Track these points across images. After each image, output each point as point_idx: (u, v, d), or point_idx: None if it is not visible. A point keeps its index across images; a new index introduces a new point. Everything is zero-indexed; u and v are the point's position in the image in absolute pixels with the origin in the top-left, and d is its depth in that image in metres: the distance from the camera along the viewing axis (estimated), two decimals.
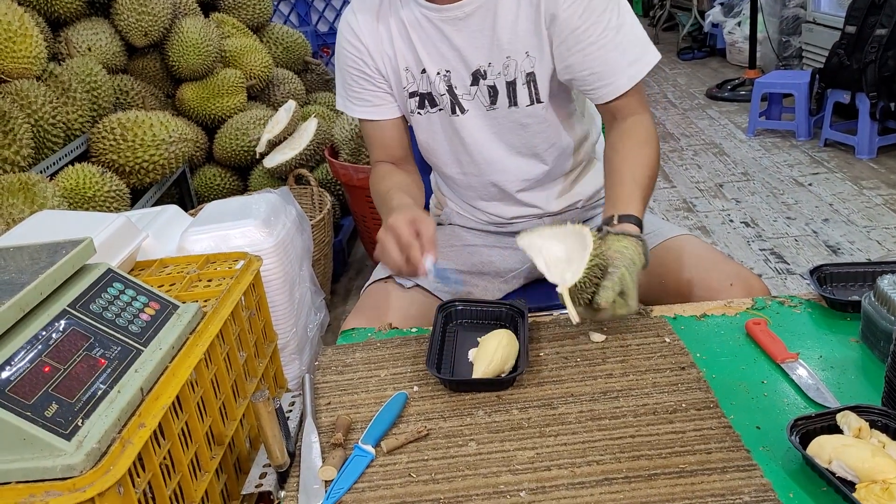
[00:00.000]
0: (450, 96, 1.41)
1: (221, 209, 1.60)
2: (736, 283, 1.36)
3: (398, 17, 1.40)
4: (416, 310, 1.43)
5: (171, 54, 2.79)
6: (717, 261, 1.42)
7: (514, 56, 1.36)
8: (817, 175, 3.60)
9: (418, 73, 1.42)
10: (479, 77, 1.39)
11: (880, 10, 3.55)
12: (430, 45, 1.39)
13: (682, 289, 1.40)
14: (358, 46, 1.42)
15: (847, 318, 1.21)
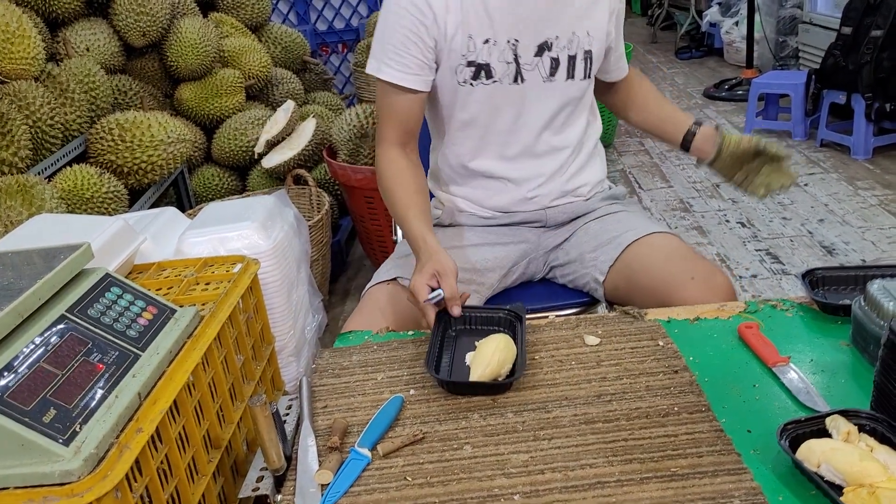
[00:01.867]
0: (515, 65, 1.46)
1: (219, 212, 1.61)
2: (697, 277, 1.39)
3: None
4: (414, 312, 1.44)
5: (169, 54, 2.80)
6: (683, 257, 1.45)
7: (579, 32, 1.48)
8: (813, 175, 3.61)
9: (481, 42, 1.44)
10: (545, 48, 1.47)
11: (876, 11, 3.56)
12: (505, 14, 1.43)
13: (650, 284, 1.43)
14: (423, 10, 1.41)
15: (838, 322, 1.22)
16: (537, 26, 1.45)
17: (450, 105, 1.51)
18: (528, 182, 1.57)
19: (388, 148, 1.49)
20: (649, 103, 1.71)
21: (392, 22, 1.44)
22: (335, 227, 3.04)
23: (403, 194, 1.44)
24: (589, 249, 1.56)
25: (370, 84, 3.66)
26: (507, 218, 1.60)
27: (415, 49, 1.43)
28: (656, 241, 1.50)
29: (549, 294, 1.63)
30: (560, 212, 1.61)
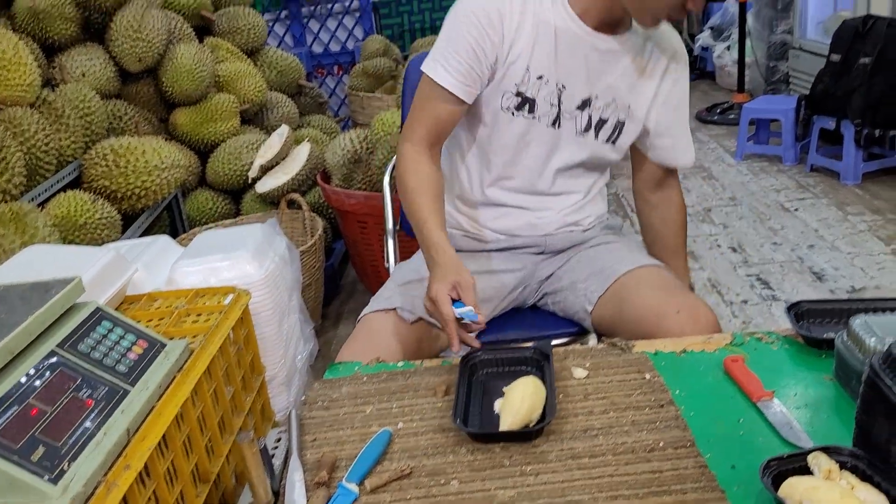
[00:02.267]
0: (558, 109, 1.50)
1: (211, 240, 1.62)
2: (683, 310, 1.40)
3: (542, 17, 1.44)
4: (414, 343, 1.45)
5: (165, 80, 2.82)
6: (671, 290, 1.47)
7: (619, 102, 1.52)
8: (803, 200, 3.64)
9: (535, 77, 1.46)
10: (587, 104, 1.51)
11: (864, 38, 3.61)
12: (566, 58, 1.46)
13: (637, 315, 1.44)
14: (495, 25, 1.42)
15: (822, 356, 1.24)
16: (588, 80, 1.48)
17: (487, 125, 1.53)
18: (536, 212, 1.60)
19: (415, 146, 1.50)
20: (667, 221, 1.71)
21: (461, 27, 1.44)
22: (328, 251, 3.05)
23: (426, 200, 1.45)
24: (581, 278, 1.57)
25: (365, 107, 3.69)
26: (508, 242, 1.62)
27: (474, 60, 1.43)
28: (646, 273, 1.52)
29: (539, 323, 1.64)
30: (559, 239, 1.63)
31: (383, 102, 3.55)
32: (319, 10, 4.79)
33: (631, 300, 1.47)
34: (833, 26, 4.04)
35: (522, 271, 1.63)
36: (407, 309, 1.46)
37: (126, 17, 2.68)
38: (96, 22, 2.78)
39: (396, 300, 1.49)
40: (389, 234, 1.93)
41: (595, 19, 1.45)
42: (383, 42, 3.93)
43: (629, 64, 1.50)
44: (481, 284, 1.57)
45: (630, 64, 1.50)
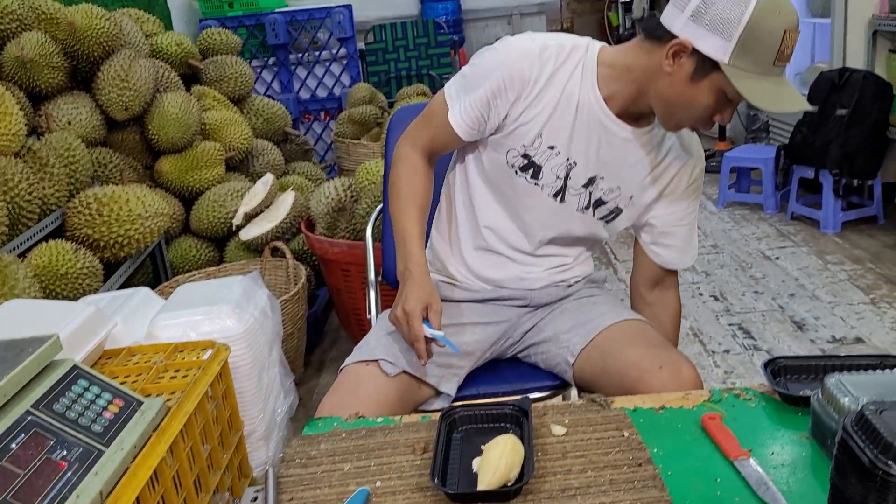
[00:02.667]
0: (563, 182, 1.51)
1: (192, 293, 1.62)
2: (665, 366, 1.41)
3: (568, 90, 1.44)
4: (395, 397, 1.45)
5: (150, 128, 2.84)
6: (653, 345, 1.48)
7: (623, 192, 1.53)
8: (784, 249, 3.68)
9: (547, 146, 1.47)
10: (591, 183, 1.51)
11: (841, 90, 3.69)
12: (581, 135, 1.46)
13: (618, 370, 1.45)
14: (516, 85, 1.42)
15: (799, 413, 1.24)
16: (598, 161, 1.49)
17: (491, 175, 1.54)
18: (525, 266, 1.61)
19: (416, 152, 1.54)
20: (660, 319, 1.66)
21: (487, 73, 1.44)
22: (312, 298, 3.05)
23: (416, 212, 1.50)
24: (564, 329, 1.58)
25: (350, 154, 3.72)
26: (494, 293, 1.63)
27: (484, 109, 1.45)
28: (629, 327, 1.53)
29: (519, 376, 1.65)
30: (545, 293, 1.64)
31: (369, 149, 3.58)
32: (307, 58, 4.85)
33: (614, 354, 1.48)
34: (810, 78, 4.13)
35: (506, 323, 1.64)
36: (389, 361, 1.46)
37: (114, 66, 2.71)
38: (84, 71, 2.80)
39: (379, 352, 1.49)
40: (371, 284, 1.94)
41: (619, 106, 1.44)
42: (369, 89, 3.99)
43: (643, 158, 1.50)
44: (465, 339, 1.58)
45: (644, 158, 1.50)
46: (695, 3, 1.29)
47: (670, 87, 1.35)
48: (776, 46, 1.26)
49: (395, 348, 1.49)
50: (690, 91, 1.33)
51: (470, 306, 1.63)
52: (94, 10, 2.72)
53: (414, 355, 1.48)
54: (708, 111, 1.36)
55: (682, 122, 1.41)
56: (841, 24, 3.91)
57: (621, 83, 1.42)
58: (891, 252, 3.49)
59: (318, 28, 4.79)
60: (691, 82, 1.33)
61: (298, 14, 4.76)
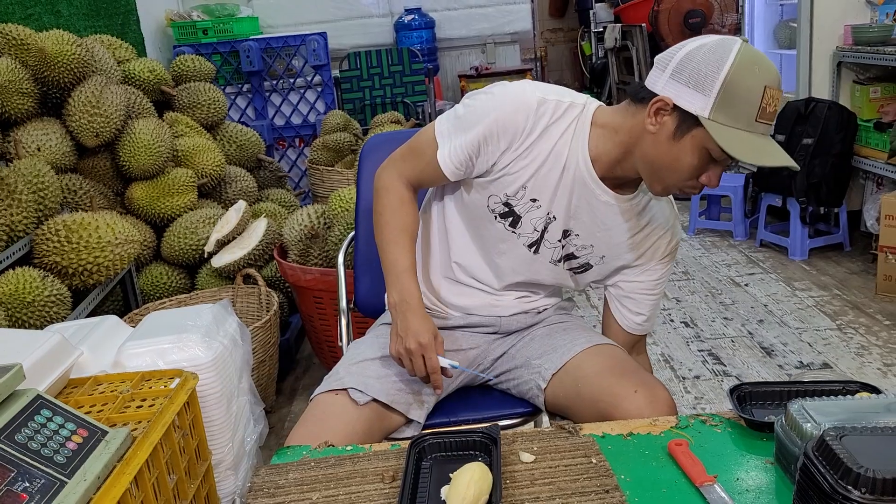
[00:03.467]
0: (540, 235, 1.52)
1: (161, 321, 1.61)
2: (640, 390, 1.42)
3: (558, 148, 1.43)
4: (364, 426, 1.44)
5: (122, 154, 2.83)
6: (626, 370, 1.49)
7: (596, 251, 1.55)
8: (753, 275, 3.73)
9: (529, 199, 1.48)
10: (566, 236, 1.53)
11: (806, 120, 3.77)
12: (564, 192, 1.47)
13: (593, 394, 1.46)
14: (509, 136, 1.42)
15: (763, 439, 1.26)
16: (575, 218, 1.50)
17: (471, 214, 1.55)
18: (495, 296, 1.63)
19: (399, 180, 1.54)
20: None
21: (482, 118, 1.42)
22: (284, 325, 3.03)
23: (409, 244, 1.52)
24: (535, 355, 1.59)
25: (324, 181, 3.72)
26: (464, 319, 1.64)
27: (474, 153, 1.44)
28: (601, 352, 1.54)
29: (490, 403, 1.65)
30: (514, 321, 1.65)
31: (343, 176, 3.59)
32: (281, 84, 4.86)
33: (587, 379, 1.49)
34: None
35: (476, 350, 1.65)
36: (359, 389, 1.46)
37: (84, 92, 2.70)
38: (54, 97, 2.79)
39: (348, 380, 1.48)
40: (343, 312, 1.93)
41: (605, 168, 1.44)
42: (344, 117, 4.00)
43: (621, 224, 1.51)
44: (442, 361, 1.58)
45: (623, 224, 1.51)
46: (675, 62, 1.31)
47: (654, 147, 1.35)
48: (756, 103, 1.26)
49: (365, 376, 1.49)
50: (674, 150, 1.33)
51: (442, 332, 1.64)
52: (65, 37, 2.71)
53: (384, 382, 1.48)
54: (693, 171, 1.34)
55: (669, 184, 1.39)
56: (806, 56, 4.00)
57: (609, 144, 1.42)
58: (856, 278, 3.56)
59: (293, 55, 4.81)
60: (674, 140, 1.32)
61: (273, 41, 4.78)
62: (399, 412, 1.50)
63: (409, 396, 1.52)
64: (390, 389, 1.49)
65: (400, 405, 1.49)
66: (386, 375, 1.51)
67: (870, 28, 3.72)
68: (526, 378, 1.59)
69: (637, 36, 7.11)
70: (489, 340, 1.66)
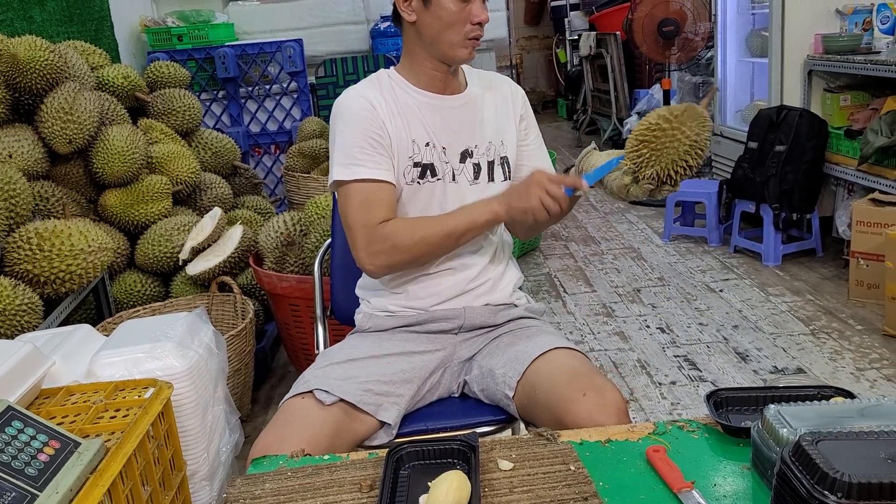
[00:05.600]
0: (451, 167, 1.63)
1: (135, 330, 1.59)
2: (589, 393, 1.43)
3: (400, 99, 1.62)
4: (331, 429, 1.43)
5: (95, 161, 2.80)
6: (578, 373, 1.49)
7: (494, 141, 1.68)
8: (728, 281, 3.77)
9: (423, 145, 1.61)
10: (467, 156, 1.65)
11: (778, 128, 3.81)
12: (437, 124, 1.63)
13: (547, 400, 1.47)
14: (375, 116, 1.58)
15: (740, 445, 1.26)
16: (459, 137, 1.64)
17: (404, 202, 1.63)
18: (463, 272, 1.66)
19: (382, 227, 1.55)
20: None
21: (352, 128, 1.57)
22: (260, 333, 3.01)
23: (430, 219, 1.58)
24: (499, 364, 1.59)
25: (300, 188, 3.71)
26: (428, 315, 1.64)
27: (381, 148, 1.57)
28: (557, 357, 1.55)
29: (467, 410, 1.65)
30: (478, 313, 1.66)
31: (319, 183, 3.58)
32: (257, 91, 4.83)
33: (541, 385, 1.50)
34: (750, 115, 4.26)
35: (441, 352, 1.65)
36: (324, 390, 1.45)
37: (57, 98, 2.67)
38: (26, 103, 2.75)
39: (314, 382, 1.48)
40: (319, 319, 1.92)
41: (433, 85, 1.63)
42: (320, 123, 3.99)
43: (484, 109, 1.68)
44: (401, 366, 1.59)
45: (484, 109, 1.68)
46: None
47: (425, 26, 1.56)
48: None
49: (331, 378, 1.48)
50: (434, 12, 1.54)
51: (406, 336, 1.65)
52: (38, 42, 2.68)
53: (350, 383, 1.48)
54: (459, 15, 1.53)
55: (456, 41, 1.56)
56: (778, 64, 4.05)
57: (414, 66, 1.63)
58: (829, 284, 3.60)
59: (269, 62, 4.79)
60: (427, 8, 1.54)
61: (249, 48, 4.76)
62: (368, 413, 1.49)
63: (377, 398, 1.51)
64: (357, 390, 1.48)
65: (368, 406, 1.48)
66: (353, 377, 1.51)
67: (839, 37, 3.78)
68: (493, 388, 1.59)
69: (612, 44, 7.17)
70: (454, 342, 1.67)
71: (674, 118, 1.42)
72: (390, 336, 1.65)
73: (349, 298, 1.89)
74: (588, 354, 3.06)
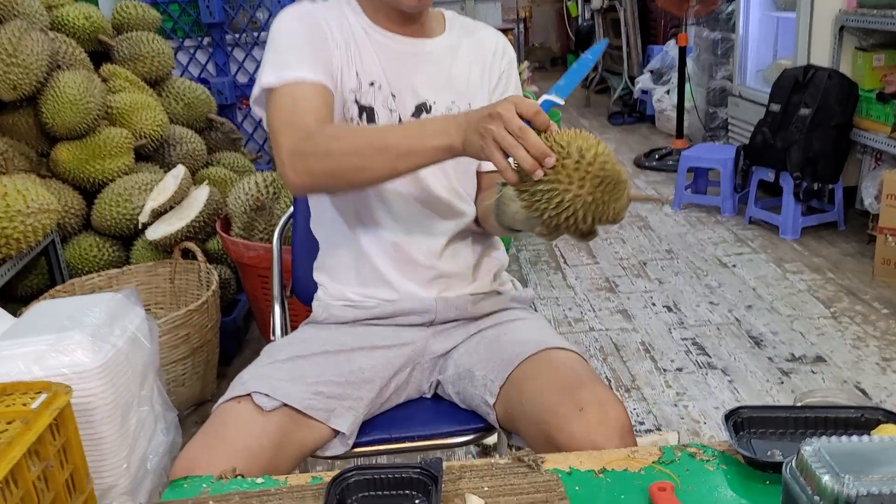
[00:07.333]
0: (398, 115, 1.36)
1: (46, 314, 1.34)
2: (588, 408, 1.17)
3: (353, 25, 1.36)
4: (273, 440, 1.19)
5: (45, 110, 2.52)
6: (574, 383, 1.23)
7: (459, 102, 1.39)
8: (741, 255, 3.50)
9: (367, 83, 1.35)
10: (423, 110, 1.38)
11: (804, 89, 3.52)
12: (390, 62, 1.36)
13: (535, 413, 1.22)
14: (319, 28, 1.32)
15: (766, 482, 1.02)
16: (415, 87, 1.37)
17: None
18: (419, 244, 1.38)
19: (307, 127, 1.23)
20: None
21: (287, 35, 1.30)
22: (232, 304, 2.77)
23: (369, 128, 1.29)
24: (480, 364, 1.35)
25: None
26: (392, 306, 1.39)
27: (320, 54, 1.29)
28: (550, 358, 1.30)
29: (438, 416, 1.40)
30: (451, 305, 1.41)
31: None
32: (245, 39, 4.52)
33: (530, 394, 1.25)
34: (773, 75, 3.96)
35: (410, 347, 1.40)
36: (264, 393, 1.21)
37: (0, 39, 2.39)
38: None
39: (252, 384, 1.23)
40: (276, 299, 1.68)
41: (391, 24, 1.37)
42: None
43: (455, 63, 1.41)
44: (360, 364, 1.35)
45: (455, 63, 1.41)
46: None
47: None
48: None
49: (274, 378, 1.25)
50: None
51: (368, 329, 1.40)
52: None
53: (297, 385, 1.24)
54: None
55: None
56: (806, 19, 3.74)
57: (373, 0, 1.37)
58: (851, 261, 3.33)
59: (257, 7, 4.47)
60: None
61: None
62: (319, 421, 1.25)
63: (329, 401, 1.27)
64: (305, 393, 1.24)
65: (317, 412, 1.24)
66: (300, 377, 1.27)
67: None
68: (471, 392, 1.34)
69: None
70: (425, 336, 1.42)
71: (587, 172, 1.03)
72: (350, 329, 1.40)
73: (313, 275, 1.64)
74: (587, 334, 2.82)
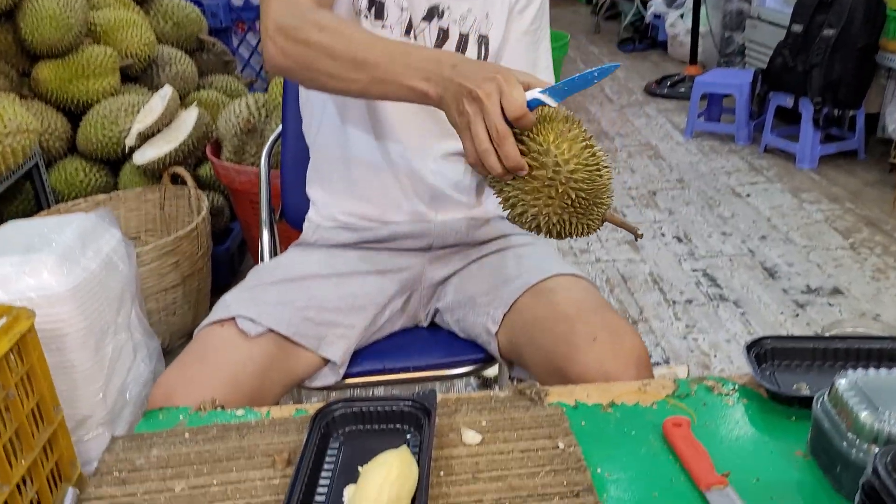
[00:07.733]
0: (409, 15, 1.21)
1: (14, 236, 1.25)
2: (602, 336, 1.09)
3: None
4: (257, 367, 1.11)
5: (23, 26, 2.38)
6: (587, 310, 1.15)
7: (475, 11, 1.25)
8: (756, 185, 3.38)
9: None
10: (435, 14, 1.23)
11: (829, 8, 3.35)
12: None
13: (545, 342, 1.14)
14: None
15: (793, 418, 0.94)
16: None
17: None
18: (417, 159, 1.27)
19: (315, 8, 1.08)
20: None
21: None
22: (226, 232, 2.67)
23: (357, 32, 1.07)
24: (482, 291, 1.26)
25: None
26: (387, 229, 1.30)
27: None
28: (560, 286, 1.21)
29: (435, 346, 1.32)
30: (451, 228, 1.31)
31: None
32: None
33: (539, 322, 1.17)
34: None
35: (406, 272, 1.31)
36: (249, 318, 1.13)
37: None
38: None
39: (236, 307, 1.15)
40: (265, 224, 1.58)
41: None
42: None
43: None
44: (351, 289, 1.26)
45: None
46: None
47: None
48: None
49: (261, 301, 1.17)
50: None
51: (361, 253, 1.31)
52: None
53: (285, 310, 1.16)
54: None
55: None
56: None
57: None
58: (872, 190, 3.21)
59: None
60: None
61: None
62: (307, 349, 1.17)
63: (320, 328, 1.19)
64: (293, 318, 1.16)
65: (307, 339, 1.16)
66: (288, 301, 1.19)
67: None
68: (472, 320, 1.25)
69: None
70: (422, 261, 1.33)
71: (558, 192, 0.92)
72: (342, 252, 1.31)
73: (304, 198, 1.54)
74: (594, 265, 2.73)
